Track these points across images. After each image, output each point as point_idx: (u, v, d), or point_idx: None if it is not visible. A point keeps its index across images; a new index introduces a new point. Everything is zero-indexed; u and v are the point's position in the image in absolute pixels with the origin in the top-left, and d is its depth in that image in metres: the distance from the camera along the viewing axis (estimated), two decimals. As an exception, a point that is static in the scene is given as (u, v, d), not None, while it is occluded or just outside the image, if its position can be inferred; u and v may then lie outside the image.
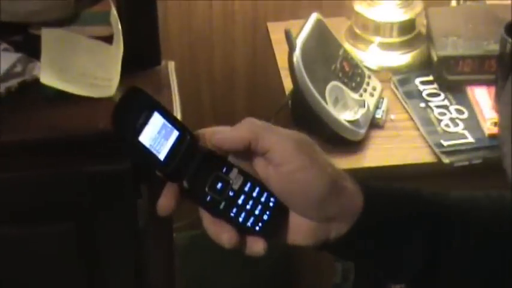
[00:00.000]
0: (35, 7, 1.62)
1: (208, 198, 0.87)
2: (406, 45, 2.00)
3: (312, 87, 1.70)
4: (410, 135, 1.81)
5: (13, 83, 1.50)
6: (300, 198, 0.90)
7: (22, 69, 1.54)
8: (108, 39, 1.58)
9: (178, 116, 1.52)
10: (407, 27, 1.99)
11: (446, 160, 1.73)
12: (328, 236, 0.91)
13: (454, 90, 1.89)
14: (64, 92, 1.49)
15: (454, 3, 2.11)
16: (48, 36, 1.57)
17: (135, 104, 0.86)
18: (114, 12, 1.55)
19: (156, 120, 0.86)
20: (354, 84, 1.80)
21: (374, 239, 0.96)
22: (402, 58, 1.99)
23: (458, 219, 1.00)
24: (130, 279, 1.72)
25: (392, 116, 1.85)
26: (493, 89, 1.83)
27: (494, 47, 1.81)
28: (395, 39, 1.99)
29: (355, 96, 1.78)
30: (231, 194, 0.88)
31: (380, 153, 1.78)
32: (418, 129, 1.81)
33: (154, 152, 0.85)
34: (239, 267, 2.30)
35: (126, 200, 1.62)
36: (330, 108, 1.71)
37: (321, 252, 0.95)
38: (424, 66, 1.97)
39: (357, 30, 2.00)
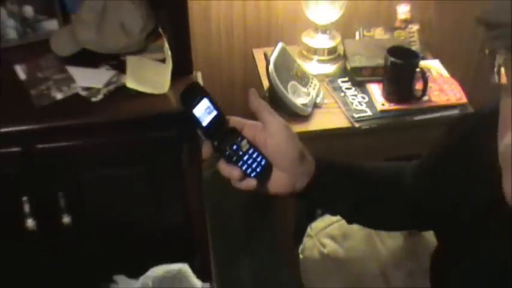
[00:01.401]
0: (122, 45, 1.63)
1: (227, 153, 0.91)
2: (332, 61, 2.00)
3: (280, 85, 1.74)
4: (336, 112, 1.85)
5: (111, 87, 1.57)
6: (282, 157, 0.92)
7: (116, 79, 1.59)
8: (163, 61, 1.62)
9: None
10: (333, 50, 2.00)
11: (357, 125, 1.79)
12: (294, 187, 0.95)
13: (360, 86, 1.92)
14: (139, 91, 1.56)
15: (357, 35, 2.10)
16: (130, 60, 1.62)
17: (193, 92, 0.90)
18: (166, 44, 1.59)
19: (204, 103, 0.90)
20: (303, 82, 1.83)
21: (321, 191, 0.98)
22: (330, 68, 2.00)
23: (370, 178, 1.04)
24: (179, 200, 1.74)
25: (325, 101, 1.88)
26: (381, 85, 1.87)
27: (381, 61, 1.84)
28: (326, 57, 2.00)
29: (305, 89, 1.81)
30: (240, 153, 0.91)
31: (319, 122, 1.81)
32: (340, 108, 1.85)
33: (201, 121, 0.89)
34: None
35: (176, 153, 1.62)
36: (290, 96, 1.75)
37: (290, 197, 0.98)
38: (343, 72, 1.99)
39: (304, 52, 2.01)
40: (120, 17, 1.63)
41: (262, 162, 0.92)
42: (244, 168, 0.91)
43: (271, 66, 1.73)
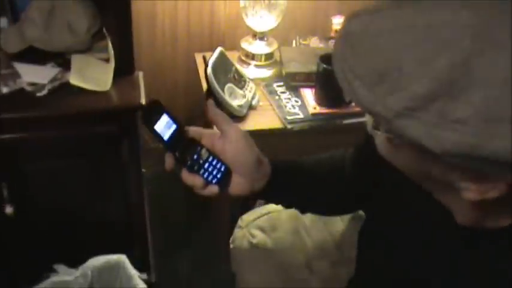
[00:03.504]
0: (68, 43, 1.68)
1: (188, 163, 0.95)
2: (269, 66, 2.06)
3: (217, 87, 1.77)
4: (270, 114, 1.89)
5: (56, 83, 1.61)
6: (241, 163, 0.96)
7: (61, 76, 1.63)
8: (107, 60, 1.68)
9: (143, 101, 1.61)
10: (269, 56, 2.05)
11: (289, 126, 1.84)
12: (253, 189, 0.99)
13: (294, 90, 1.97)
14: (83, 88, 1.61)
15: (294, 43, 2.15)
16: (75, 59, 1.67)
17: (153, 109, 0.94)
18: (110, 45, 1.65)
19: (164, 119, 0.93)
20: (240, 85, 1.86)
21: (278, 191, 1.03)
22: (267, 72, 2.05)
23: (318, 173, 1.10)
24: (120, 192, 1.79)
25: (260, 103, 1.92)
26: (313, 90, 1.94)
27: (314, 68, 1.88)
28: (263, 63, 2.05)
29: (241, 92, 1.85)
30: (201, 161, 0.95)
31: (254, 123, 1.85)
32: (274, 110, 1.90)
33: (162, 135, 0.93)
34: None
35: (116, 147, 1.67)
36: (227, 98, 1.78)
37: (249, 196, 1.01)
38: (278, 77, 2.03)
39: (243, 57, 2.05)
40: (67, 17, 1.68)
41: (222, 169, 0.96)
42: (205, 176, 0.96)
43: (209, 69, 1.77)
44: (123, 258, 1.83)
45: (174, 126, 0.95)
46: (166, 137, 0.94)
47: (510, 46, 0.60)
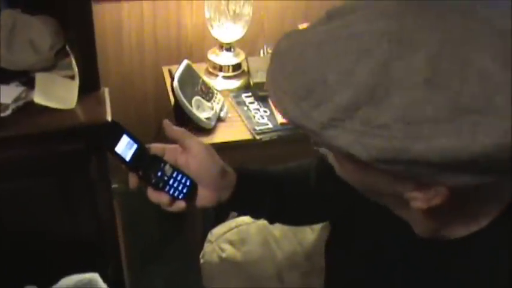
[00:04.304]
0: (32, 62, 1.65)
1: (153, 181, 0.95)
2: (237, 77, 2.05)
3: (184, 100, 1.77)
4: (239, 125, 1.90)
5: (20, 103, 1.58)
6: (205, 176, 0.97)
7: (25, 95, 1.60)
8: (72, 77, 1.64)
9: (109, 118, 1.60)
10: (237, 67, 2.05)
11: (258, 137, 1.85)
12: (220, 200, 1.00)
13: (262, 100, 1.98)
14: (48, 106, 1.58)
15: (261, 53, 2.16)
16: (40, 77, 1.63)
17: (112, 131, 0.94)
18: (73, 62, 1.63)
19: (124, 139, 0.94)
20: (208, 98, 1.86)
21: (243, 200, 1.05)
22: (235, 83, 2.05)
23: (285, 182, 1.11)
24: (90, 210, 1.76)
25: (229, 115, 1.92)
26: None
27: None
28: (231, 74, 2.05)
29: (209, 104, 1.85)
30: (165, 178, 0.95)
31: (222, 135, 1.85)
32: (243, 121, 1.90)
33: (124, 156, 0.93)
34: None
35: (85, 165, 1.65)
36: (194, 111, 1.78)
37: (216, 207, 1.02)
38: (246, 87, 2.05)
39: (210, 69, 2.06)
40: (29, 35, 1.66)
41: (187, 183, 0.97)
42: (171, 192, 0.96)
43: (175, 83, 1.77)
44: (95, 276, 1.80)
45: (135, 146, 0.95)
46: (128, 157, 0.94)
47: (426, 46, 0.61)
